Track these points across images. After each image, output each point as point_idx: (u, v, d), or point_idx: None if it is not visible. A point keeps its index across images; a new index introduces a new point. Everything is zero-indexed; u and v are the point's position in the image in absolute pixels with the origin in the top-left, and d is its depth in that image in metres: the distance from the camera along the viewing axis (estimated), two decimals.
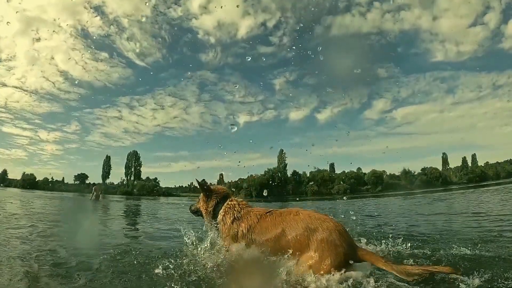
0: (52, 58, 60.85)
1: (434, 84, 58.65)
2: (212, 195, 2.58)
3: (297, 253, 2.03)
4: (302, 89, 65.29)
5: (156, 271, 2.21)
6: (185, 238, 2.77)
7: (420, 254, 2.68)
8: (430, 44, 56.36)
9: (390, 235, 3.12)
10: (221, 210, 2.48)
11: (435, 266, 1.94)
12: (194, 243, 2.68)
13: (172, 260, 2.33)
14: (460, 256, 2.54)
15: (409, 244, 2.88)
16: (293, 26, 58.73)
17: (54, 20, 56.50)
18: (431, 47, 56.67)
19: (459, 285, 1.83)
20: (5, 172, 58.84)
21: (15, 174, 59.83)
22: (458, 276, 1.88)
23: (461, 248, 2.73)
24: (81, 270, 2.36)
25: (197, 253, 2.52)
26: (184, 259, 2.43)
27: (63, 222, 6.55)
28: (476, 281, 1.84)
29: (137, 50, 58.59)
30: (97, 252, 2.97)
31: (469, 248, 2.73)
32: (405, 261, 2.39)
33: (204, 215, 2.63)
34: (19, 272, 2.25)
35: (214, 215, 2.52)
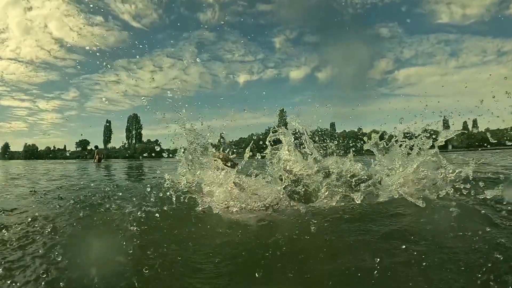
0: (46, 26, 55.51)
1: (438, 47, 54.68)
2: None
3: None
4: (302, 47, 60.92)
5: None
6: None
7: None
8: (436, 5, 50.81)
9: None
10: None
11: None
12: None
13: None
14: None
15: None
16: None
17: None
18: (436, 8, 51.15)
19: None
20: (7, 145, 58.94)
21: (17, 146, 59.90)
22: None
23: None
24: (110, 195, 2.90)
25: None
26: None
27: (74, 177, 6.74)
28: None
29: (133, 12, 53.22)
30: (115, 188, 3.53)
31: None
32: None
33: None
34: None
35: None
